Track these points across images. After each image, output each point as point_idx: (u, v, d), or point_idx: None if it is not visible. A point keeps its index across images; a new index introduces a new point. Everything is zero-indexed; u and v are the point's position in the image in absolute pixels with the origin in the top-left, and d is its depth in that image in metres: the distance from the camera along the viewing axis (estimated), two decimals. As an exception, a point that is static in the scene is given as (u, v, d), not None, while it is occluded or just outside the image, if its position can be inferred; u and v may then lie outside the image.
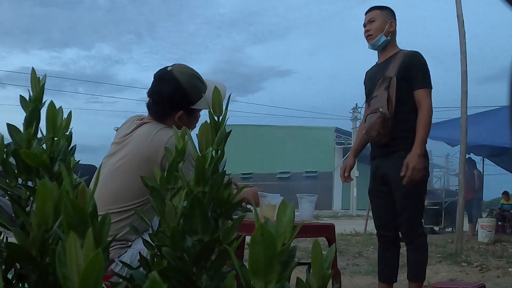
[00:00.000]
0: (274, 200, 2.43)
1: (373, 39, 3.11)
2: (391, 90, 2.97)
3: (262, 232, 0.53)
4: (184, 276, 0.72)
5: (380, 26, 3.10)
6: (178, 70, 2.00)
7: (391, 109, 2.96)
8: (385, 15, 3.13)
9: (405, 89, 2.98)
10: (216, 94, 0.84)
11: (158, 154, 1.86)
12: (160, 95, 1.99)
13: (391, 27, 3.11)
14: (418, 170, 2.86)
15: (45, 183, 0.64)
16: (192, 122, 2.07)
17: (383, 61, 3.14)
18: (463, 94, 7.03)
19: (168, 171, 0.85)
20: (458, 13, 6.98)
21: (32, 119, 0.83)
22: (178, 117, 1.99)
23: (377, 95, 3.04)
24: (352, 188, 26.23)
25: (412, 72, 2.98)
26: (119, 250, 1.85)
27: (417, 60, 3.01)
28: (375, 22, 3.11)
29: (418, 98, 2.97)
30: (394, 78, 2.98)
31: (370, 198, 3.22)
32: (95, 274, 0.46)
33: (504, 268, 5.71)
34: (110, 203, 1.83)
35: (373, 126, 3.01)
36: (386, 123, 2.96)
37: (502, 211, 11.99)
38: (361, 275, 5.24)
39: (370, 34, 3.12)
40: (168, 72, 2.00)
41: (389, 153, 3.02)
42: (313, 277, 0.63)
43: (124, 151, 1.94)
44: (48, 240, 0.67)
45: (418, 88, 2.97)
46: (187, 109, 2.00)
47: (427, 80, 3.01)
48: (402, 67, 2.99)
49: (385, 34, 3.10)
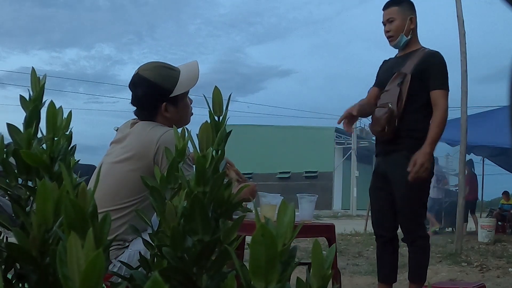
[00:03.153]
0: (274, 200, 2.44)
1: (395, 41, 3.04)
2: (403, 87, 2.92)
3: (262, 232, 0.53)
4: (184, 276, 0.72)
5: (400, 26, 3.00)
6: (143, 69, 2.04)
7: (400, 106, 2.91)
8: (403, 11, 3.02)
9: (418, 88, 2.92)
10: (216, 94, 0.84)
11: (150, 150, 1.89)
12: (138, 98, 2.04)
13: (411, 23, 3.01)
14: (425, 168, 2.81)
15: (45, 183, 0.64)
16: (183, 110, 2.08)
17: (402, 55, 3.08)
18: (463, 94, 7.03)
19: (168, 171, 0.85)
20: (458, 13, 6.97)
21: (32, 119, 0.82)
22: (164, 109, 2.01)
23: (389, 90, 2.99)
24: (352, 188, 26.22)
25: (430, 72, 2.91)
26: (117, 251, 1.85)
27: (437, 60, 2.95)
28: (394, 21, 3.01)
29: (435, 99, 2.90)
30: (409, 75, 2.93)
31: (370, 196, 3.18)
32: (96, 274, 0.46)
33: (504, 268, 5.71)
34: (107, 201, 1.84)
35: (378, 120, 2.96)
36: (393, 120, 2.91)
37: (502, 211, 11.99)
38: (361, 275, 5.24)
39: (391, 35, 3.04)
40: (135, 76, 2.04)
41: (392, 151, 2.99)
42: (313, 277, 0.63)
43: (120, 149, 1.97)
44: (48, 240, 0.67)
45: (435, 89, 2.91)
46: (168, 99, 2.01)
47: (445, 81, 2.94)
48: (420, 66, 2.93)
49: (406, 33, 3.01)
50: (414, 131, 2.93)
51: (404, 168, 2.87)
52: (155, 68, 2.03)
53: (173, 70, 2.05)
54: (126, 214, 1.85)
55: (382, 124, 2.93)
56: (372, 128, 3.06)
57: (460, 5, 6.94)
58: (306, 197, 2.69)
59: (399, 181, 2.92)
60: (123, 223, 1.84)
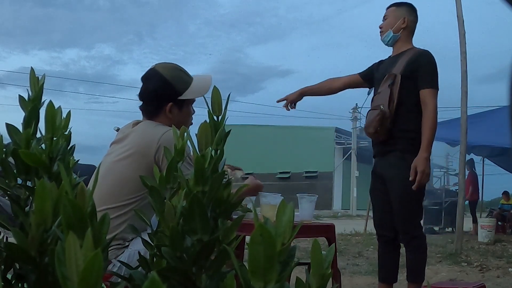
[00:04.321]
0: (275, 200, 2.44)
1: (382, 35, 3.14)
2: (394, 88, 2.94)
3: (261, 232, 0.53)
4: (183, 276, 0.72)
5: (390, 22, 3.10)
6: (161, 66, 2.10)
7: (392, 108, 2.93)
8: (399, 11, 3.11)
9: (409, 88, 2.94)
10: (216, 94, 0.84)
11: (151, 148, 1.91)
12: (147, 91, 2.07)
13: (403, 23, 3.08)
14: (427, 174, 2.84)
15: (44, 183, 0.64)
16: (185, 116, 2.12)
17: (394, 56, 3.13)
18: (463, 94, 7.02)
19: (167, 171, 0.85)
20: (458, 13, 6.97)
21: (31, 119, 0.82)
22: (169, 109, 2.05)
23: (380, 92, 3.02)
24: (352, 188, 26.22)
25: (419, 71, 2.94)
26: (116, 251, 1.85)
27: (425, 59, 2.97)
28: (387, 19, 3.13)
29: (423, 98, 2.92)
30: (399, 76, 2.95)
31: (371, 197, 3.21)
32: (95, 274, 0.46)
33: (504, 268, 5.71)
34: (108, 199, 1.86)
35: (371, 123, 2.99)
36: (385, 121, 2.93)
37: (502, 211, 11.99)
38: (361, 275, 5.24)
39: (381, 30, 3.15)
40: (151, 70, 2.10)
41: (386, 152, 3.01)
42: (312, 277, 0.63)
43: (121, 148, 1.99)
44: (47, 240, 0.67)
45: (424, 88, 2.92)
46: (176, 101, 2.06)
47: (435, 80, 2.96)
48: (409, 65, 2.96)
49: (395, 31, 3.08)
50: (407, 132, 2.94)
51: (399, 168, 2.90)
52: (172, 68, 2.09)
53: (187, 76, 2.11)
54: (127, 212, 1.87)
55: (375, 126, 2.96)
56: (365, 130, 3.11)
57: (460, 5, 6.94)
58: (306, 197, 2.69)
59: (394, 181, 2.94)
60: (123, 221, 1.85)
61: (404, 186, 2.86)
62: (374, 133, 2.99)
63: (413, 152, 2.89)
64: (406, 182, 2.85)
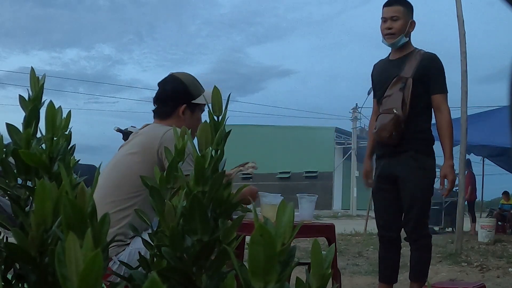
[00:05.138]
0: (275, 200, 2.44)
1: (394, 39, 3.03)
2: (406, 92, 2.95)
3: (261, 232, 0.53)
4: (183, 276, 0.72)
5: (403, 26, 3.01)
6: (178, 73, 2.29)
7: (405, 111, 2.94)
8: (408, 13, 3.05)
9: (420, 91, 2.97)
10: (216, 94, 0.84)
11: (155, 144, 2.02)
12: (165, 92, 2.24)
13: (411, 27, 3.05)
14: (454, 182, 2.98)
15: (44, 183, 0.64)
16: (195, 121, 2.25)
17: (397, 59, 3.09)
18: (463, 94, 7.02)
19: (168, 171, 0.85)
20: (458, 13, 6.97)
21: (31, 119, 0.82)
22: (182, 111, 2.20)
23: (390, 95, 3.01)
24: (352, 188, 26.22)
25: (430, 76, 2.96)
26: (117, 248, 1.87)
27: (436, 64, 3.00)
28: (398, 21, 3.01)
29: (437, 104, 2.97)
30: (410, 79, 2.95)
31: (374, 197, 3.20)
32: (95, 274, 0.46)
33: (504, 268, 5.70)
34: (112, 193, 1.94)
35: (385, 127, 2.98)
36: (399, 125, 2.94)
37: (502, 211, 12.00)
38: (361, 275, 5.24)
39: (392, 33, 3.02)
40: (168, 76, 2.29)
41: (398, 152, 3.01)
42: (312, 277, 0.63)
43: (127, 147, 2.12)
44: (47, 240, 0.67)
45: (436, 93, 2.97)
46: (189, 104, 2.22)
47: (445, 84, 3.01)
48: (420, 69, 2.96)
49: (406, 35, 3.05)
50: (420, 133, 2.99)
51: (413, 168, 2.94)
52: (188, 75, 2.29)
53: (200, 85, 2.31)
54: (130, 206, 1.91)
55: (389, 130, 2.96)
56: (378, 134, 3.05)
57: (460, 5, 6.94)
58: (306, 197, 2.69)
59: (407, 181, 2.96)
60: (126, 215, 1.90)
61: (417, 186, 2.92)
62: (388, 138, 2.99)
63: (425, 152, 2.99)
64: (418, 182, 2.92)
